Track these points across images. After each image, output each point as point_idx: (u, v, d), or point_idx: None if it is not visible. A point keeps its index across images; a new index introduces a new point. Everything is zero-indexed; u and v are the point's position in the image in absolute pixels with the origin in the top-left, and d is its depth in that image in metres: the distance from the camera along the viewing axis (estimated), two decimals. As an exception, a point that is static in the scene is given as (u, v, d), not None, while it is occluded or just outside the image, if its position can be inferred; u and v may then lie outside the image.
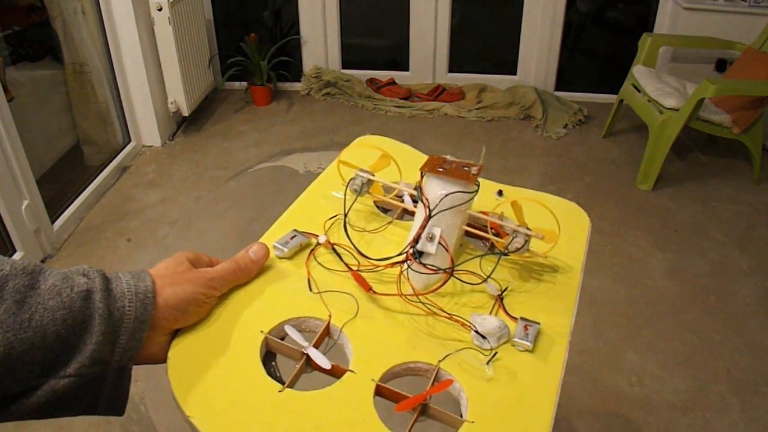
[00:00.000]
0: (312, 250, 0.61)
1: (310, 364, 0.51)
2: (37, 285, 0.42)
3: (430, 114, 3.30)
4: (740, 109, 2.53)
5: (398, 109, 3.31)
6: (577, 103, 3.36)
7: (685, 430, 1.55)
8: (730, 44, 2.85)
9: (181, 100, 2.92)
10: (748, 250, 2.25)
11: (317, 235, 0.62)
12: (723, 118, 2.54)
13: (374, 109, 3.33)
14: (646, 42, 2.83)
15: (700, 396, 1.64)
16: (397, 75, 3.56)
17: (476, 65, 3.54)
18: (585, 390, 1.65)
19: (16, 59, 2.48)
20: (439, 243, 0.56)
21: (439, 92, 3.41)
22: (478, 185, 0.58)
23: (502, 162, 2.85)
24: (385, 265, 0.58)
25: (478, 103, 3.35)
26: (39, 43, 2.55)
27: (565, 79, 3.51)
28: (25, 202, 2.02)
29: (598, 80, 3.53)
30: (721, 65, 3.03)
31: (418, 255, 0.56)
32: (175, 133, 3.05)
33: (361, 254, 0.59)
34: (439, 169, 0.57)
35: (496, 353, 0.51)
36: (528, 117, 3.26)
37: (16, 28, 2.48)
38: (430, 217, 0.56)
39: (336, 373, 0.49)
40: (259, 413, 0.45)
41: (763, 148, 2.75)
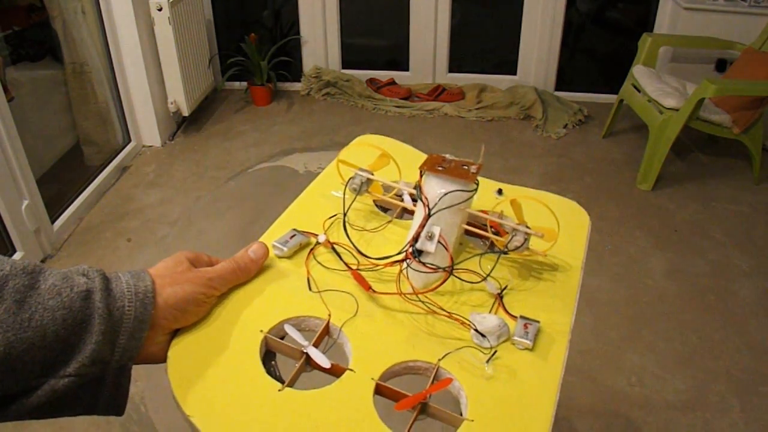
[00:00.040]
0: (311, 250, 0.61)
1: (309, 363, 0.51)
2: (37, 285, 0.42)
3: (430, 114, 3.30)
4: (740, 109, 2.53)
5: (398, 109, 3.31)
6: (577, 103, 3.36)
7: (685, 430, 1.55)
8: (730, 44, 2.85)
9: (181, 100, 2.92)
10: (748, 250, 2.25)
11: (317, 235, 0.62)
12: (723, 118, 2.54)
13: (374, 109, 3.33)
14: (646, 42, 2.83)
15: (700, 396, 1.64)
16: (397, 75, 3.56)
17: (476, 65, 3.54)
18: (585, 390, 1.65)
19: (16, 59, 2.48)
20: (439, 242, 0.56)
21: (439, 92, 3.41)
22: (477, 184, 0.58)
23: (502, 162, 2.85)
24: (385, 264, 0.58)
25: (478, 103, 3.35)
26: (39, 43, 2.55)
27: (565, 79, 3.51)
28: (25, 202, 2.02)
29: (598, 80, 3.53)
30: (721, 65, 3.02)
31: (418, 254, 0.56)
32: (175, 133, 3.05)
33: (361, 253, 0.59)
34: (439, 168, 0.57)
35: (496, 352, 0.51)
36: (528, 117, 3.26)
37: (16, 28, 2.48)
38: (429, 216, 0.56)
39: (336, 372, 0.49)
40: (258, 412, 0.45)
41: (763, 148, 2.75)
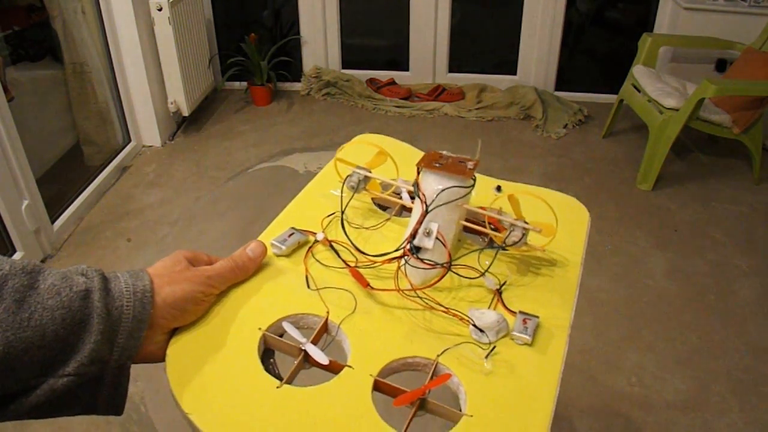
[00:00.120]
0: (310, 248, 0.61)
1: (308, 360, 0.50)
2: (36, 284, 0.42)
3: (430, 114, 3.30)
4: (740, 109, 2.53)
5: (398, 109, 3.31)
6: (577, 103, 3.36)
7: (685, 430, 1.54)
8: (730, 44, 2.85)
9: (181, 100, 2.92)
10: (748, 250, 2.25)
11: (315, 233, 0.62)
12: (723, 118, 2.54)
13: (374, 109, 3.33)
14: (646, 42, 2.83)
15: (700, 396, 1.64)
16: (397, 75, 3.56)
17: (476, 65, 3.54)
18: (585, 390, 1.65)
19: (16, 59, 2.48)
20: (437, 238, 0.56)
21: (439, 92, 3.41)
22: (475, 180, 0.58)
23: (502, 162, 2.85)
24: (383, 261, 0.58)
25: (478, 103, 3.35)
26: (39, 43, 2.55)
27: (565, 79, 3.51)
28: (25, 202, 2.02)
29: (598, 80, 3.53)
30: (721, 65, 3.03)
31: (416, 250, 0.56)
32: (175, 133, 3.05)
33: (359, 250, 0.59)
34: (436, 165, 0.57)
35: (495, 347, 0.51)
36: (528, 117, 3.26)
37: (16, 28, 2.48)
38: (427, 213, 0.56)
39: (334, 368, 0.49)
40: (257, 410, 0.45)
41: (763, 148, 2.75)
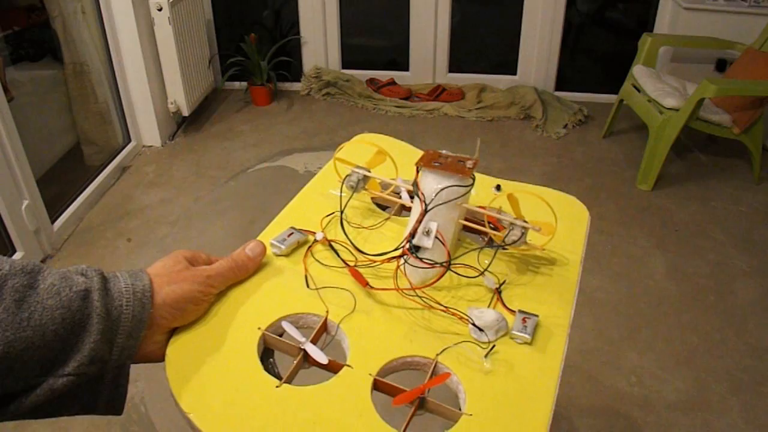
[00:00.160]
0: (309, 247, 0.61)
1: (307, 359, 0.50)
2: (36, 284, 0.42)
3: (430, 114, 3.30)
4: (740, 109, 2.53)
5: (398, 109, 3.31)
6: (577, 103, 3.36)
7: (685, 430, 1.54)
8: (730, 44, 2.85)
9: (181, 100, 2.92)
10: (748, 250, 2.25)
11: (314, 232, 0.62)
12: (723, 118, 2.54)
13: (374, 109, 3.33)
14: (646, 42, 2.83)
15: (700, 396, 1.64)
16: (397, 75, 3.56)
17: (476, 65, 3.54)
18: (585, 390, 1.65)
19: (16, 59, 2.48)
20: (436, 237, 0.56)
21: (439, 92, 3.41)
22: (474, 179, 0.58)
23: (502, 162, 2.85)
24: (382, 261, 0.58)
25: (478, 103, 3.35)
26: (39, 43, 2.55)
27: (565, 79, 3.51)
28: (25, 202, 2.02)
29: (598, 80, 3.53)
30: (721, 65, 3.02)
31: (415, 249, 0.56)
32: (175, 133, 3.05)
33: (358, 250, 0.59)
34: (435, 164, 0.57)
35: (494, 346, 0.51)
36: (528, 117, 3.26)
37: (16, 28, 2.48)
38: (426, 212, 0.56)
39: (333, 368, 0.49)
40: (256, 409, 0.45)
41: (763, 148, 2.75)
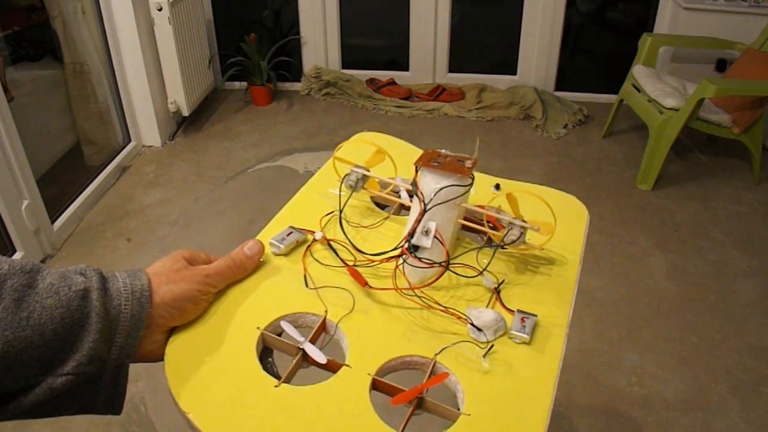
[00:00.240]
0: (308, 247, 0.61)
1: (306, 359, 0.50)
2: (35, 284, 0.42)
3: (430, 114, 3.30)
4: (740, 109, 2.53)
5: (398, 109, 3.31)
6: (577, 103, 3.35)
7: (685, 430, 1.54)
8: (730, 44, 2.85)
9: (181, 100, 2.92)
10: (748, 250, 2.25)
11: (313, 232, 0.62)
12: (723, 118, 2.53)
13: (374, 109, 3.33)
14: (646, 42, 2.83)
15: (700, 396, 1.64)
16: (397, 75, 3.56)
17: (476, 65, 3.54)
18: (585, 389, 1.65)
19: (16, 59, 2.48)
20: (435, 237, 0.56)
21: (439, 92, 3.41)
22: (473, 178, 0.58)
23: (502, 162, 2.85)
24: (381, 260, 0.58)
25: (478, 103, 3.35)
26: (39, 43, 2.55)
27: (565, 79, 3.51)
28: (25, 202, 2.02)
29: (598, 80, 3.53)
30: (721, 65, 3.02)
31: (414, 249, 0.56)
32: (175, 133, 3.05)
33: (357, 249, 0.59)
34: (434, 163, 0.57)
35: (493, 346, 0.51)
36: (528, 117, 3.26)
37: (16, 28, 2.48)
38: (425, 211, 0.56)
39: (332, 367, 0.49)
40: (255, 409, 0.45)
41: (763, 148, 2.75)
